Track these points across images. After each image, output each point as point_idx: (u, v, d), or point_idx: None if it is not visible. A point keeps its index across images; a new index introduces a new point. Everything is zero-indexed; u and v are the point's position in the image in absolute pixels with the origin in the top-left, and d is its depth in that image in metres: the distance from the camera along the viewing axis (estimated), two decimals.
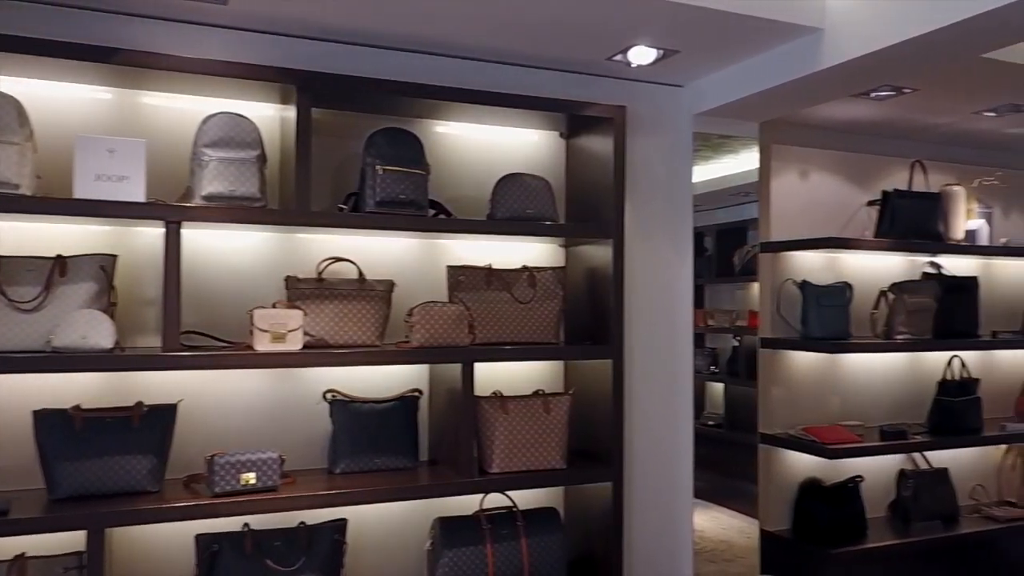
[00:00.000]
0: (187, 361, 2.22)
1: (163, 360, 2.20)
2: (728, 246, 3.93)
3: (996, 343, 4.04)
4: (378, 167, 2.50)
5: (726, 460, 3.82)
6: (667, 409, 3.22)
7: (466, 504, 2.70)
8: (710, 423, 3.89)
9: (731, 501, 3.76)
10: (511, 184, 2.76)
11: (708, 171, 3.70)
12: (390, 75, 2.68)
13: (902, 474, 3.88)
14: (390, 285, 2.64)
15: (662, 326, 3.21)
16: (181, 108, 2.52)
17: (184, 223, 2.26)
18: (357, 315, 2.54)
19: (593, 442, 2.89)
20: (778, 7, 2.51)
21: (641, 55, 2.79)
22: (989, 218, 4.10)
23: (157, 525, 2.35)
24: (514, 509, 2.72)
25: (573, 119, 2.90)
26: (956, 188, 3.92)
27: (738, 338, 3.93)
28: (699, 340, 3.85)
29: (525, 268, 2.83)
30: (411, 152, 2.58)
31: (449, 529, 2.62)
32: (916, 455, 3.88)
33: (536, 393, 2.79)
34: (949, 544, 3.70)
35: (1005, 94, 3.34)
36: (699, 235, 3.64)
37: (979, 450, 4.11)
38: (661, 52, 2.79)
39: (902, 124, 3.89)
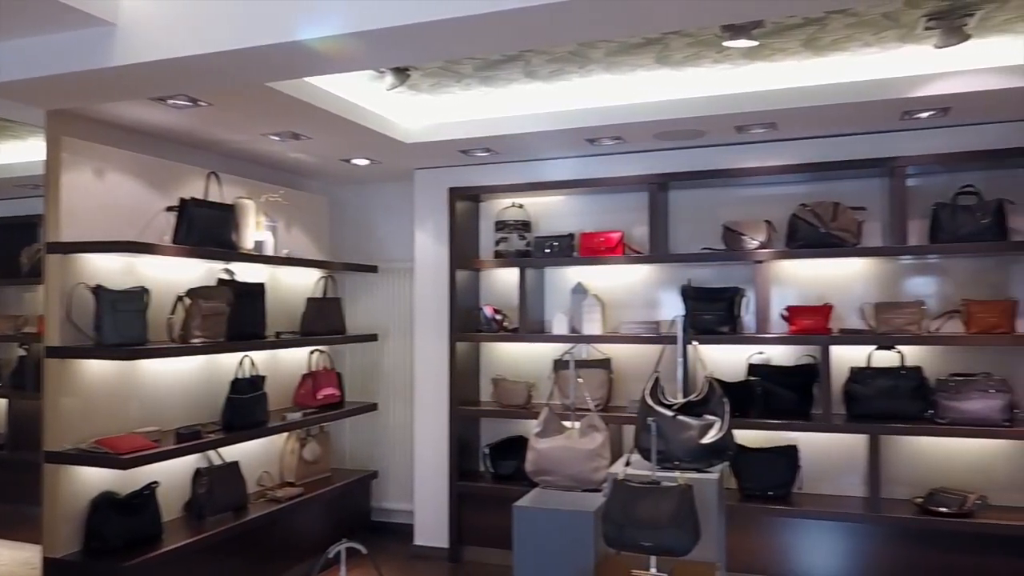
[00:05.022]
0: None
1: None
2: (15, 243, 3.50)
3: (280, 343, 4.54)
4: None
5: (8, 485, 3.39)
6: None
7: None
8: None
9: (14, 530, 3.35)
10: None
11: None
12: None
13: (197, 473, 4.03)
14: None
15: None
16: None
17: None
18: None
19: None
20: None
21: None
22: (275, 231, 4.60)
23: None
24: None
25: None
26: (247, 201, 4.27)
27: (26, 346, 3.52)
28: None
29: None
30: None
31: None
32: (211, 452, 4.07)
33: None
34: (240, 531, 4.00)
35: (287, 122, 3.80)
36: None
37: (267, 440, 4.56)
38: None
39: (200, 135, 4.06)
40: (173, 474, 3.92)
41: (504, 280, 4.91)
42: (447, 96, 3.92)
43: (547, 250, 4.59)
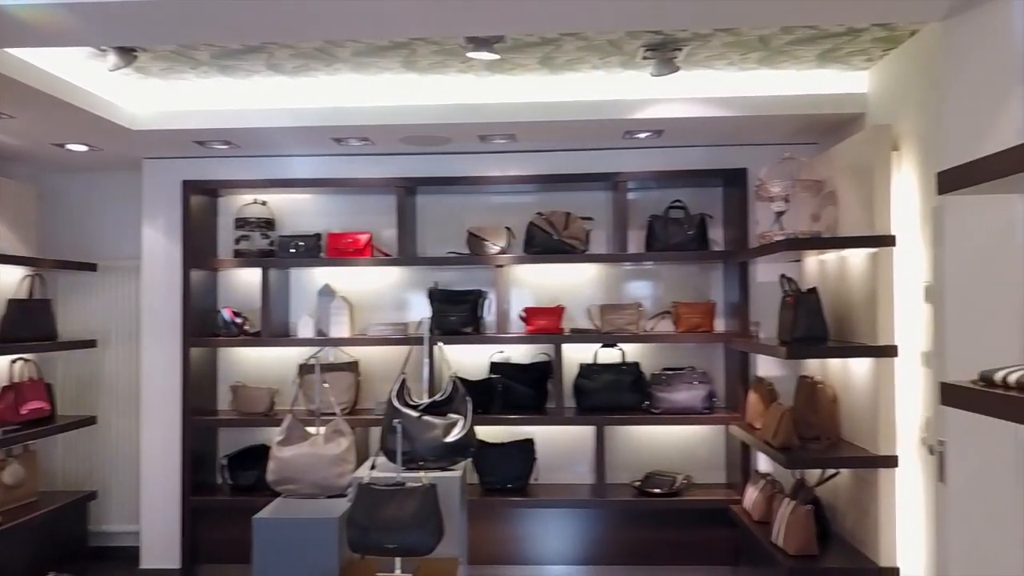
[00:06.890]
0: None
1: None
2: None
3: None
4: None
5: None
6: None
7: None
8: None
9: None
10: None
11: None
12: None
13: None
14: None
15: None
16: None
17: None
18: None
19: None
20: None
21: None
22: None
23: None
24: None
25: None
26: None
27: None
28: None
29: None
30: None
31: None
32: None
33: None
34: None
35: None
36: None
37: None
38: None
39: None
40: None
41: (245, 281, 4.66)
42: (181, 83, 3.65)
43: (292, 250, 4.44)
